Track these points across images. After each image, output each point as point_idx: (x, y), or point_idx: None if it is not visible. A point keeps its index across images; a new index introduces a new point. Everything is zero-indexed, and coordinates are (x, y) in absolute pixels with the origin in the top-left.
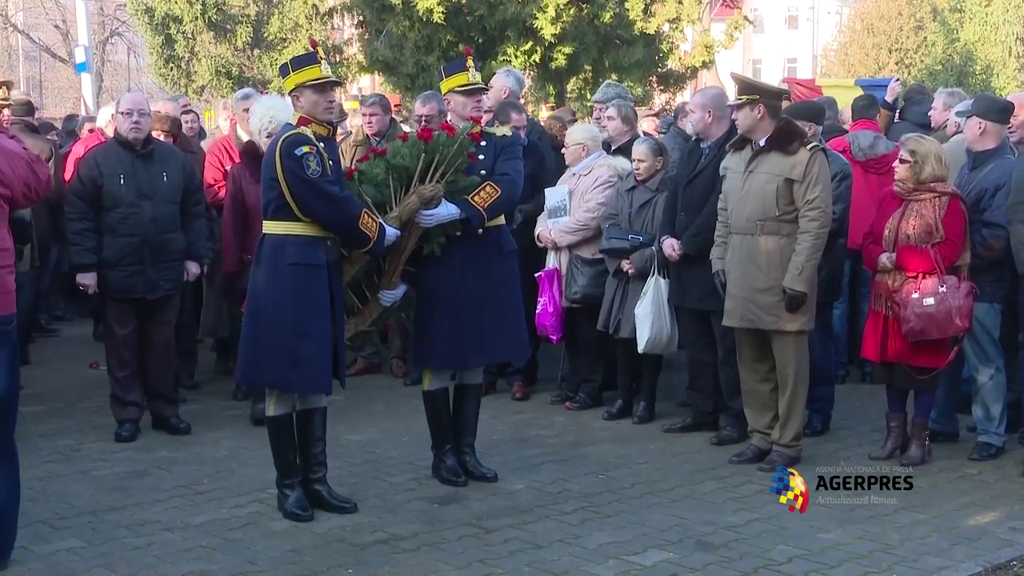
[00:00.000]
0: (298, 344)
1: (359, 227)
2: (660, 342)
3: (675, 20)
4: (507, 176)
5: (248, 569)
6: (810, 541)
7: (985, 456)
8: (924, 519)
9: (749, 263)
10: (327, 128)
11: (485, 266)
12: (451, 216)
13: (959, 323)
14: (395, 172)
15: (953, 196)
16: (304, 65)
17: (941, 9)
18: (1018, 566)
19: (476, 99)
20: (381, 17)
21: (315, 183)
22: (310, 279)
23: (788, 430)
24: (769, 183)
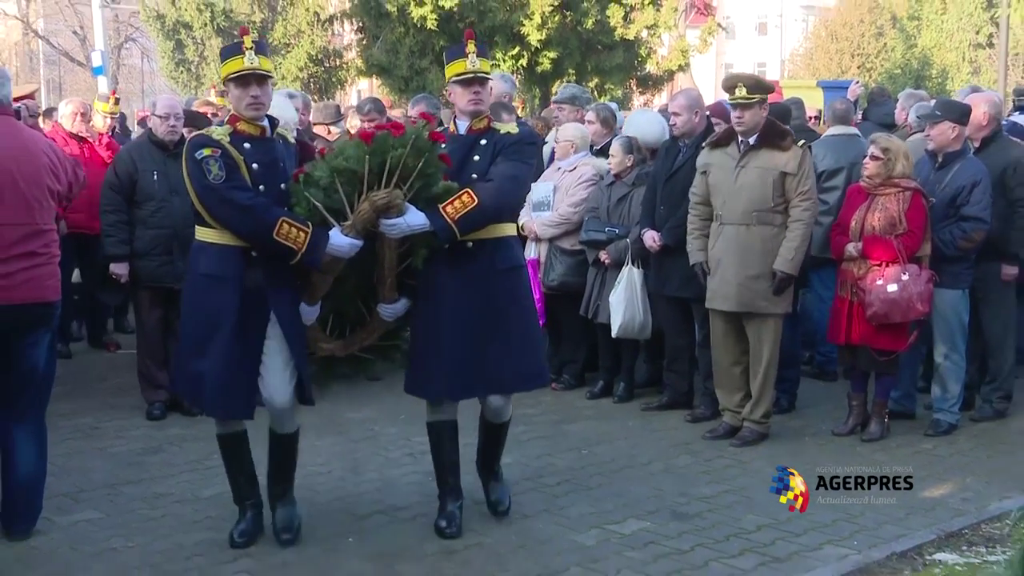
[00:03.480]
0: (196, 360)
1: (274, 237)
2: (632, 328)
3: (653, 27)
4: (490, 183)
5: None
6: (777, 511)
7: (940, 432)
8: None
9: (745, 252)
10: (257, 127)
11: (475, 286)
12: (419, 226)
13: (920, 308)
14: (341, 176)
15: (915, 191)
16: (228, 56)
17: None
18: (969, 534)
19: (474, 89)
20: (378, 24)
21: (218, 189)
22: (216, 292)
23: (759, 408)
24: (764, 177)
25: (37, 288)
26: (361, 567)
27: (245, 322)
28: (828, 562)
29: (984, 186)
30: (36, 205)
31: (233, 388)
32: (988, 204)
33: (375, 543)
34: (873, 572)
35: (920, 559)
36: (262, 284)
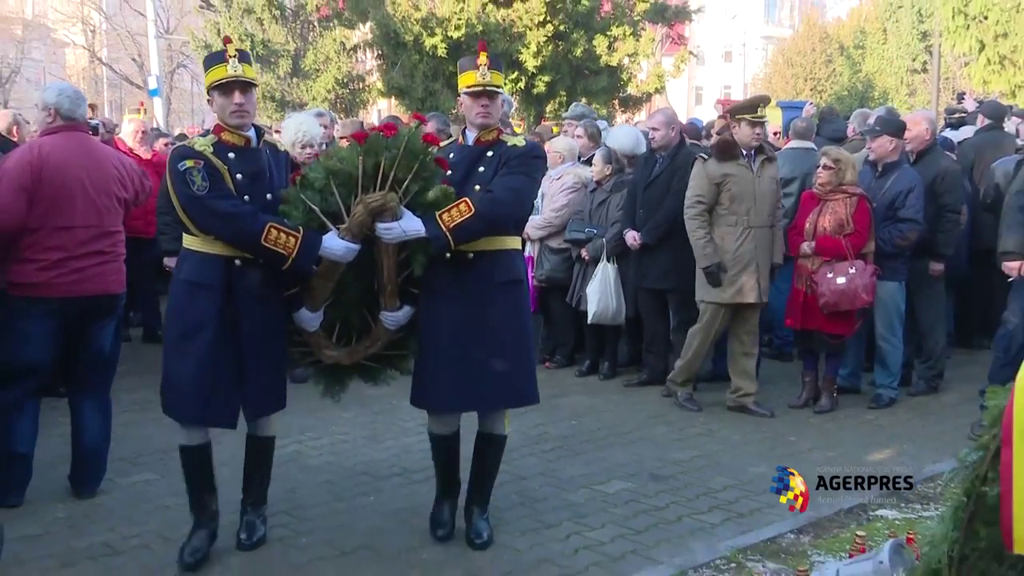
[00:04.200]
0: (172, 366)
1: (263, 244)
2: (606, 315)
3: (633, 54)
4: (489, 193)
5: (290, 496)
6: (741, 474)
7: (882, 405)
8: (832, 456)
9: (766, 251)
10: (242, 137)
11: (473, 298)
12: (415, 232)
13: (865, 297)
14: (337, 177)
15: (861, 196)
16: (211, 65)
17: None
18: (907, 493)
19: (483, 102)
20: (396, 52)
21: (202, 200)
22: (197, 299)
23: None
24: (773, 185)
25: (104, 282)
26: (380, 522)
27: (226, 330)
28: (785, 518)
29: (918, 192)
30: (104, 210)
31: (212, 395)
32: (922, 208)
33: (392, 501)
34: (824, 526)
35: (864, 514)
36: (243, 292)
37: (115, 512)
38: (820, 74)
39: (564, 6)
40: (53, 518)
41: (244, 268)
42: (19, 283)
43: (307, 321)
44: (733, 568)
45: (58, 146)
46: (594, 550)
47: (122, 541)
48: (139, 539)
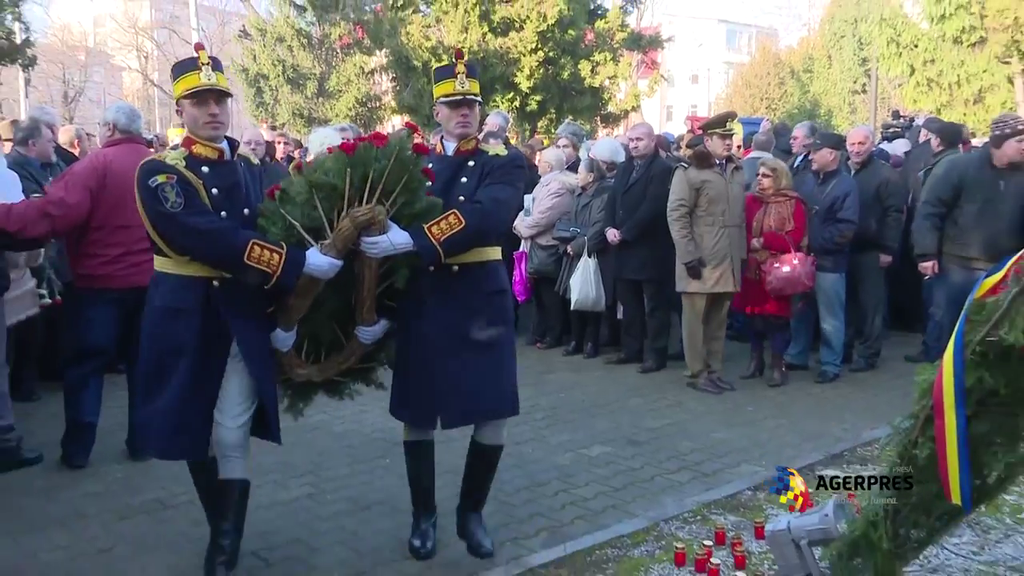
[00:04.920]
0: (150, 399)
1: (245, 261)
2: (587, 303)
3: (613, 77)
4: (478, 205)
5: (317, 459)
6: (705, 439)
7: (826, 380)
8: (784, 424)
9: (738, 247)
10: (215, 149)
11: (460, 310)
12: (402, 246)
13: (807, 283)
14: (320, 191)
15: (797, 199)
16: (182, 73)
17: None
18: (848, 455)
19: (462, 112)
20: (407, 75)
21: (177, 217)
22: (175, 326)
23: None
24: (742, 190)
25: None
26: (394, 481)
27: (205, 358)
28: (744, 476)
29: (854, 196)
30: None
31: (186, 427)
32: (857, 210)
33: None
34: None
35: (812, 474)
36: (224, 315)
37: (165, 473)
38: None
39: (553, 35)
40: (112, 478)
41: (223, 289)
42: (85, 275)
43: (281, 341)
44: (699, 520)
45: (119, 155)
46: (579, 505)
47: (172, 498)
48: (186, 496)
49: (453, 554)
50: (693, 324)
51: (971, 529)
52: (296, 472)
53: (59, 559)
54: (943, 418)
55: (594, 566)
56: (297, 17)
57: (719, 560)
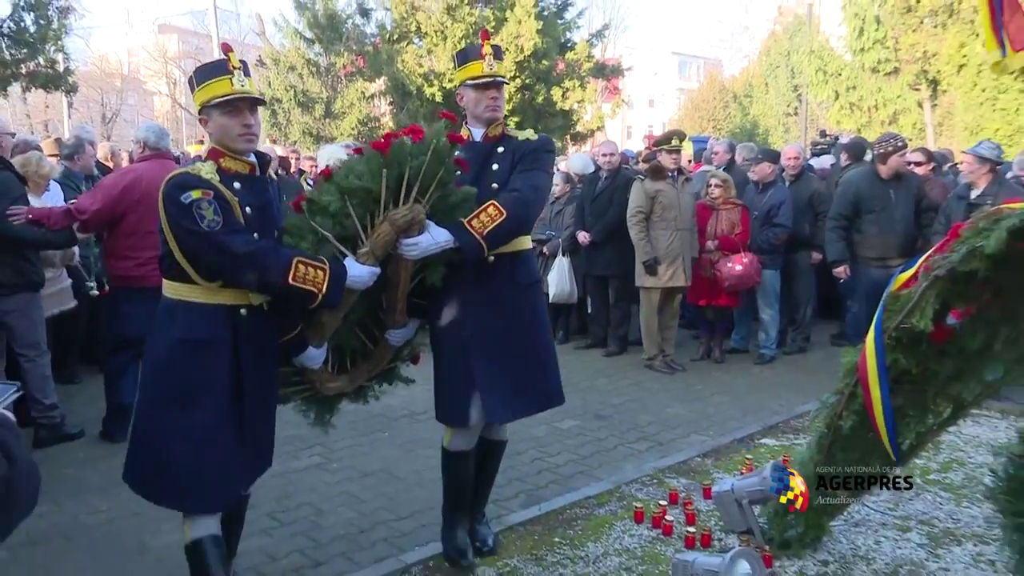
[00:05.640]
0: (165, 443)
1: (291, 283)
2: (563, 295)
3: (581, 101)
4: (516, 194)
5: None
6: (661, 413)
7: (764, 362)
8: (728, 399)
9: (688, 247)
10: (246, 164)
11: (497, 303)
12: (441, 244)
13: (756, 279)
14: (353, 197)
15: (743, 207)
16: (209, 77)
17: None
18: (783, 426)
19: (492, 95)
20: (403, 99)
21: (213, 237)
22: (199, 360)
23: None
24: (691, 198)
25: None
26: (393, 451)
27: (232, 393)
28: (693, 445)
29: (788, 204)
30: None
31: (217, 475)
32: (791, 216)
33: (402, 436)
34: (722, 452)
35: (752, 443)
36: (248, 346)
37: None
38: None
39: (529, 65)
40: None
41: (250, 317)
42: (120, 276)
43: (313, 359)
44: (655, 483)
45: (148, 169)
46: (552, 471)
47: None
48: None
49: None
50: (650, 314)
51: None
52: (305, 444)
53: (98, 521)
54: (869, 392)
55: (565, 523)
56: (307, 48)
57: (672, 517)
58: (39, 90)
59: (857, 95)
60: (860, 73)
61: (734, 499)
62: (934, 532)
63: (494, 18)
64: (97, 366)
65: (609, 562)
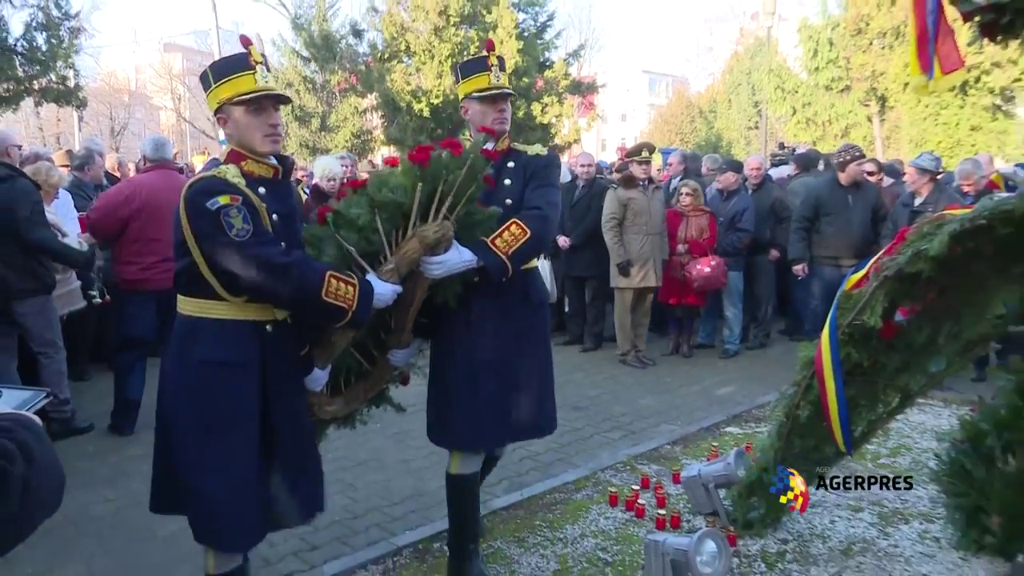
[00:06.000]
0: (195, 476)
1: (323, 299)
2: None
3: (559, 116)
4: (538, 212)
5: None
6: (633, 404)
7: (728, 356)
8: (695, 391)
9: (659, 250)
10: (271, 168)
11: (507, 321)
12: (465, 264)
13: (723, 280)
14: (383, 211)
15: (711, 213)
16: (230, 72)
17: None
18: (746, 415)
19: (500, 108)
20: (393, 113)
21: (244, 248)
22: (229, 383)
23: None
24: (661, 205)
25: None
26: (383, 442)
27: (264, 421)
28: (663, 434)
29: (751, 211)
30: None
31: (255, 508)
32: (753, 221)
33: (391, 427)
34: (689, 440)
35: (717, 431)
36: (275, 365)
37: None
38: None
39: (510, 82)
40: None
41: (275, 334)
42: (126, 280)
43: (317, 381)
44: (628, 469)
45: (148, 180)
46: (532, 459)
47: None
48: None
49: (431, 500)
50: (623, 313)
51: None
52: None
53: (107, 510)
54: (824, 384)
55: (545, 507)
56: (304, 66)
57: (644, 501)
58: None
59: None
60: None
61: (701, 483)
62: (884, 512)
63: (478, 38)
64: (106, 364)
65: (586, 543)
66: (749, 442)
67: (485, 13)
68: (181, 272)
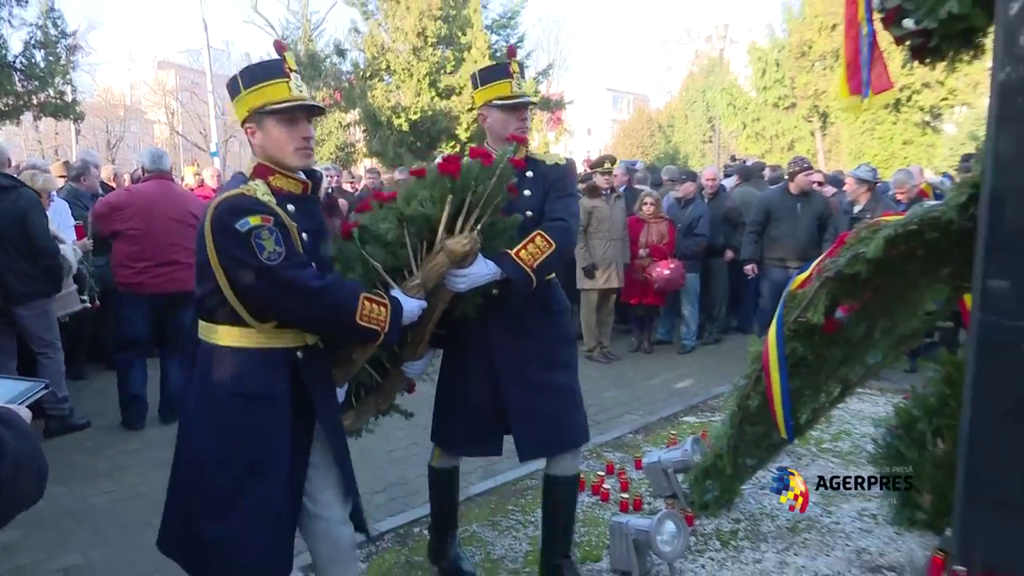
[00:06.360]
0: (224, 515)
1: (358, 322)
2: None
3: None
4: (562, 223)
5: None
6: (599, 396)
7: (686, 351)
8: (655, 384)
9: (621, 255)
10: (300, 183)
11: (527, 331)
12: (489, 276)
13: (681, 282)
14: (411, 225)
15: (669, 220)
16: (263, 79)
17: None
18: (702, 405)
19: (522, 116)
20: (375, 128)
21: (277, 272)
22: (260, 416)
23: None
24: (623, 213)
25: (183, 282)
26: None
27: (296, 452)
28: (626, 423)
29: (706, 217)
30: (183, 233)
31: (284, 542)
32: (708, 227)
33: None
34: (651, 428)
35: (676, 420)
36: (310, 394)
37: None
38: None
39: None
40: (148, 437)
41: (306, 360)
42: (122, 283)
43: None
44: (594, 456)
45: (144, 189)
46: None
47: None
48: None
49: (413, 487)
50: (588, 312)
51: (788, 456)
52: None
53: (104, 502)
54: (770, 376)
55: (518, 493)
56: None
57: (609, 486)
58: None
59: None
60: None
61: (661, 469)
62: (827, 492)
63: (453, 58)
64: (103, 363)
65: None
66: (705, 430)
67: (460, 35)
68: (204, 298)
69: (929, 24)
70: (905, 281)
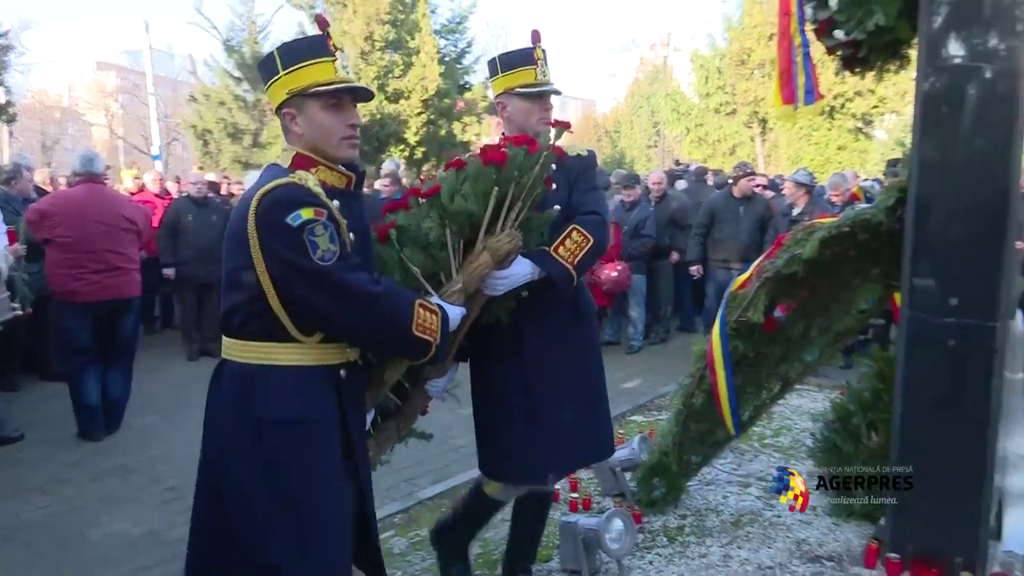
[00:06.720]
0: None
1: (414, 333)
2: None
3: (478, 134)
4: (596, 217)
5: None
6: None
7: (633, 351)
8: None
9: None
10: (344, 177)
11: (560, 337)
12: (527, 276)
13: (628, 283)
14: (454, 223)
15: (614, 223)
16: (307, 58)
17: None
18: (649, 404)
19: (546, 105)
20: None
21: (330, 275)
22: (308, 447)
23: None
24: None
25: (120, 288)
26: None
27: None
28: None
29: (652, 219)
30: (117, 238)
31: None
32: (654, 229)
33: None
34: None
35: (623, 420)
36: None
37: (131, 442)
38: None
39: (434, 103)
40: (86, 448)
41: (348, 378)
42: (56, 291)
43: None
44: None
45: (74, 195)
46: (455, 451)
47: (135, 463)
48: (147, 461)
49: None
50: None
51: (732, 452)
52: None
53: (38, 517)
54: (715, 374)
55: None
56: (235, 86)
57: (559, 486)
58: None
59: (703, 131)
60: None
61: (609, 468)
62: (769, 486)
63: (402, 62)
64: (36, 374)
65: (506, 527)
66: (652, 428)
67: (409, 39)
68: (234, 309)
69: (858, 36)
70: (839, 280)
